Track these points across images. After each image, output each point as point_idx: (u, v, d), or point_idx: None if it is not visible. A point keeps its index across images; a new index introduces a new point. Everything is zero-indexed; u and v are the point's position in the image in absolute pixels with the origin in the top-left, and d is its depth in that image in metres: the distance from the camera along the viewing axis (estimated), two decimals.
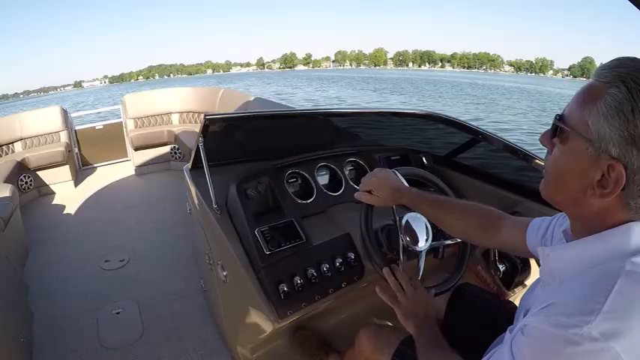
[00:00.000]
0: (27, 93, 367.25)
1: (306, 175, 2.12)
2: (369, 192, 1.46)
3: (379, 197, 1.44)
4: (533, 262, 2.17)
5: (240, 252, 1.75)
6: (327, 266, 1.71)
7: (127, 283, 3.33)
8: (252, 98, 5.41)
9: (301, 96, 36.93)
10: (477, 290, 1.65)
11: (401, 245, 1.54)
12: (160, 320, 2.83)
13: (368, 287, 1.80)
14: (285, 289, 1.61)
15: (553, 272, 0.88)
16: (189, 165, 2.35)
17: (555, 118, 0.80)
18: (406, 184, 1.47)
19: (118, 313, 2.94)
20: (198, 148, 2.02)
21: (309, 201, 2.04)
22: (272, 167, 2.06)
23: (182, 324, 2.77)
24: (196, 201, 2.20)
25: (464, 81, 78.70)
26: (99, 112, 8.15)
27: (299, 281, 1.64)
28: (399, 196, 1.42)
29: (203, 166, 2.04)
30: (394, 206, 1.52)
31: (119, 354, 2.57)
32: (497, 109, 30.43)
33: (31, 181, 5.62)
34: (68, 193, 5.78)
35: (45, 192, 5.85)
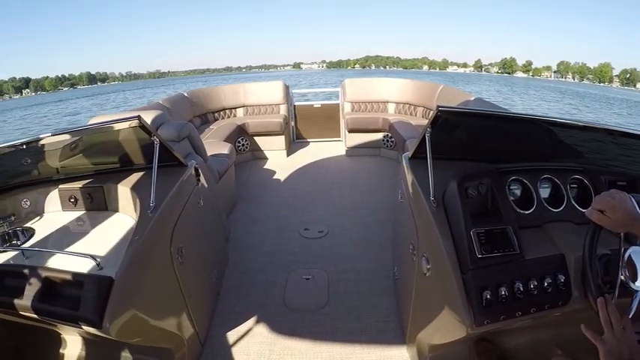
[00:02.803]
0: (249, 68, 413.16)
1: (529, 184, 2.05)
2: (601, 212, 1.39)
3: (610, 220, 1.37)
4: None
5: (450, 249, 1.77)
6: (535, 284, 1.66)
7: (322, 253, 3.63)
8: (472, 98, 5.38)
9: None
10: None
11: (619, 279, 1.44)
12: (345, 295, 3.04)
13: (564, 316, 1.75)
14: (489, 296, 1.61)
15: None
16: (409, 154, 2.47)
17: None
18: None
19: (307, 279, 3.25)
20: (424, 138, 2.12)
21: (527, 212, 1.97)
22: (495, 170, 2.03)
23: (365, 304, 2.93)
24: (411, 190, 2.29)
25: None
26: (316, 92, 8.83)
27: (504, 292, 1.62)
28: (631, 224, 1.34)
29: (423, 156, 2.12)
30: (622, 234, 1.43)
31: (299, 316, 2.84)
32: None
33: (247, 144, 6.51)
34: (280, 161, 6.51)
35: (258, 156, 6.69)
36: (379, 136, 6.53)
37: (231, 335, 2.73)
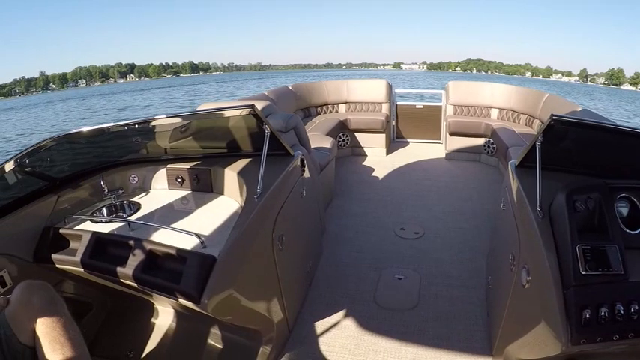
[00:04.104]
0: (349, 65, 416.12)
1: (638, 203, 1.95)
2: None
3: None
4: None
5: (553, 262, 1.72)
6: (636, 308, 1.57)
7: (416, 254, 3.62)
8: (578, 109, 5.14)
9: None
10: None
11: None
12: (436, 299, 3.01)
13: None
14: (588, 315, 1.55)
15: None
16: (516, 161, 2.44)
17: None
18: None
19: (399, 279, 3.25)
20: (534, 147, 2.09)
21: (634, 232, 1.88)
22: (605, 185, 1.94)
23: (455, 310, 2.88)
24: (516, 199, 2.25)
25: None
26: (419, 93, 8.80)
27: (604, 313, 1.55)
28: None
29: (530, 165, 2.10)
30: None
31: (388, 314, 2.86)
32: None
33: (348, 139, 6.64)
34: (379, 159, 6.56)
35: (358, 153, 6.79)
36: (480, 141, 6.37)
37: (319, 325, 2.79)
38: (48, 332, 1.53)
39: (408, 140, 7.52)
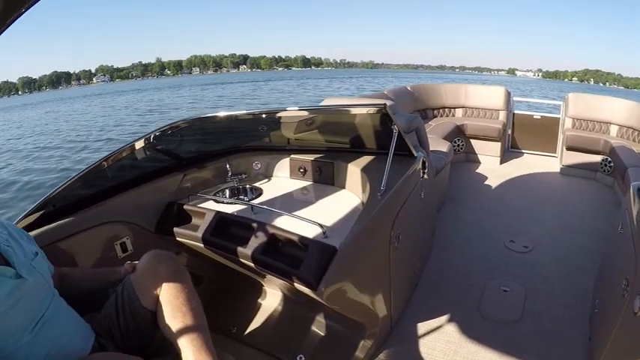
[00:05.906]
0: (462, 68, 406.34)
1: None
2: None
3: None
4: None
5: None
6: None
7: (523, 268, 3.53)
8: None
9: None
10: None
11: None
12: (539, 316, 2.91)
13: None
14: None
15: None
16: (639, 184, 2.39)
17: None
18: None
19: (505, 291, 3.19)
20: None
21: None
22: None
23: (557, 330, 2.78)
24: (636, 222, 2.16)
25: None
26: (536, 103, 8.53)
27: None
28: None
29: None
30: None
31: (490, 325, 2.81)
32: None
33: (463, 145, 6.59)
34: (492, 168, 6.45)
35: (471, 159, 6.72)
36: (597, 158, 6.02)
37: (420, 327, 2.79)
38: (171, 300, 1.66)
39: (523, 151, 7.26)
